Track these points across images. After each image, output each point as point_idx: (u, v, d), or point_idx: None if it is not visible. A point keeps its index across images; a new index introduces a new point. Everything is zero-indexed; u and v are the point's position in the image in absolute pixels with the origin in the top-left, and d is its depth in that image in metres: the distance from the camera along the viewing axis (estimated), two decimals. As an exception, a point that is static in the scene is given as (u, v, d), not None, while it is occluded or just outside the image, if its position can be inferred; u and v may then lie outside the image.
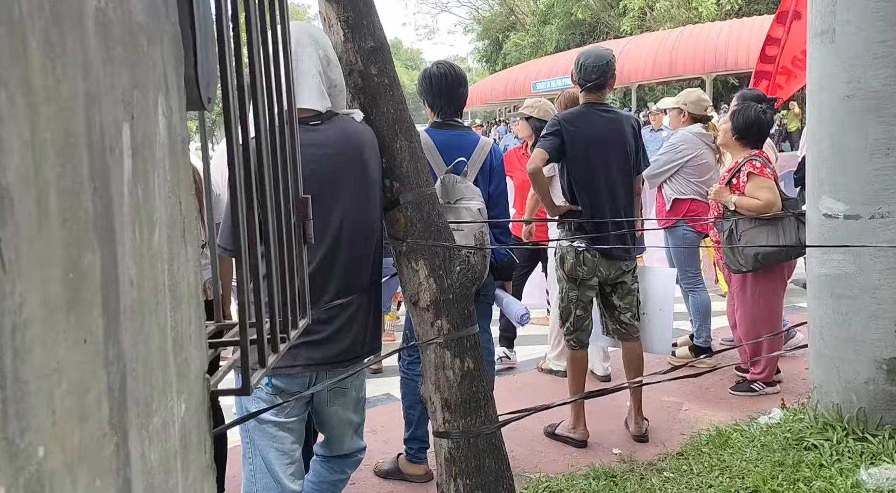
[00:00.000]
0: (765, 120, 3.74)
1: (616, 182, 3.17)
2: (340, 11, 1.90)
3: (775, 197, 3.54)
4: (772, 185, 3.58)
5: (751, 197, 3.55)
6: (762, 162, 3.64)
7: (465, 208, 2.74)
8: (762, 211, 3.53)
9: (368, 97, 1.94)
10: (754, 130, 3.71)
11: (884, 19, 2.67)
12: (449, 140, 2.89)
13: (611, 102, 14.94)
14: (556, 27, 32.57)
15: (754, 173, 3.57)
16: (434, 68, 2.95)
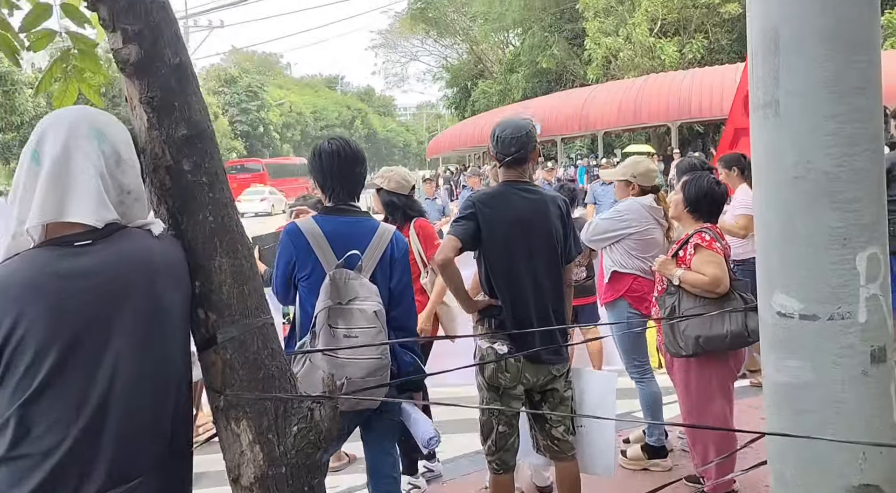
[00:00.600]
0: (718, 191, 3.44)
1: (542, 273, 2.76)
2: (144, 90, 1.47)
3: (723, 274, 3.20)
4: (720, 261, 3.24)
5: (697, 272, 3.21)
6: (712, 235, 3.31)
7: (358, 310, 2.32)
8: (707, 289, 3.18)
9: (179, 201, 1.49)
10: (707, 201, 3.39)
11: (834, 90, 2.32)
12: (341, 229, 2.49)
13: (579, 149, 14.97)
14: (522, 75, 32.91)
15: (702, 246, 3.22)
16: (326, 145, 2.57)
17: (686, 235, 3.35)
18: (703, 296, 3.19)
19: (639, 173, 3.89)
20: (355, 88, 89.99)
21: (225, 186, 1.55)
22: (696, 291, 3.17)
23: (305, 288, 2.49)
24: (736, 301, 3.21)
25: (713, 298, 3.18)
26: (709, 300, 3.19)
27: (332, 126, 66.55)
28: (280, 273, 2.53)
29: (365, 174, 2.61)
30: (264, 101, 50.42)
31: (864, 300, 2.39)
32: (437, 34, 44.08)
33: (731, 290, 3.22)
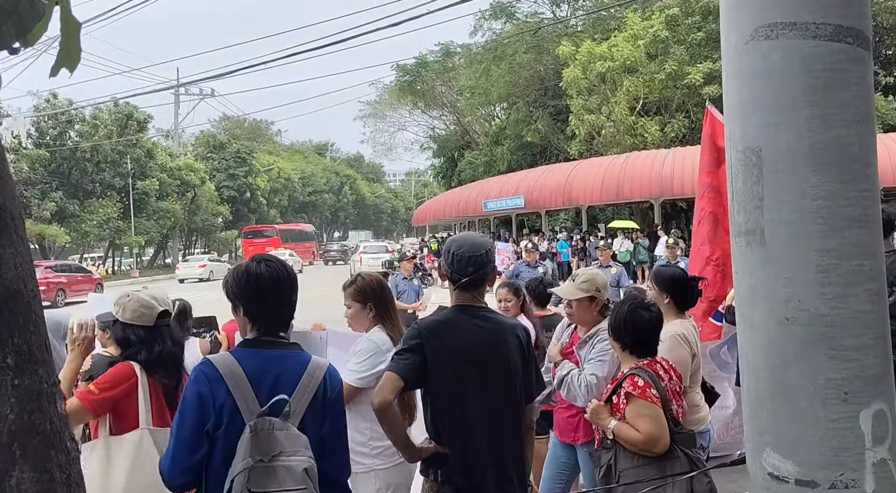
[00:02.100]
0: (643, 318, 2.86)
1: (497, 416, 2.36)
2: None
3: (660, 430, 2.66)
4: (657, 414, 2.68)
5: (631, 425, 2.69)
6: (647, 379, 2.74)
7: (284, 468, 1.89)
8: (642, 448, 2.66)
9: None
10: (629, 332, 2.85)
11: (827, 222, 2.00)
12: (265, 366, 2.06)
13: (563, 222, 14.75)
14: (507, 148, 33.31)
15: (633, 394, 2.69)
16: (255, 266, 2.15)
17: (621, 375, 2.86)
18: (639, 454, 2.68)
19: (602, 286, 3.34)
20: (345, 154, 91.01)
21: (43, 367, 1.17)
22: (630, 448, 2.68)
23: (215, 443, 2.04)
24: (679, 460, 2.69)
25: (651, 457, 2.68)
26: (646, 459, 2.68)
27: (321, 191, 66.78)
28: (188, 432, 1.99)
29: (296, 298, 2.22)
30: (252, 166, 50.56)
31: (871, 466, 2.00)
32: (425, 106, 44.85)
33: (673, 446, 2.69)
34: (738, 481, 4.75)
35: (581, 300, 3.29)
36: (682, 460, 2.67)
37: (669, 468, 2.66)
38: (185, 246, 49.26)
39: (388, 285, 3.22)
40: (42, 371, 1.17)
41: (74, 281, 24.99)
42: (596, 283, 3.32)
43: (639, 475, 2.64)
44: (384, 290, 3.14)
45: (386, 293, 3.14)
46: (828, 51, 2.05)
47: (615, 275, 9.08)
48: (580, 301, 3.29)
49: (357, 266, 30.94)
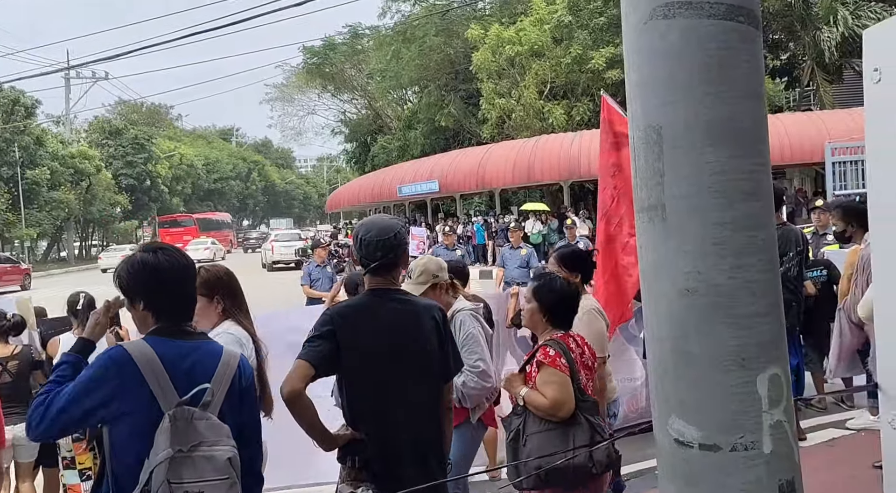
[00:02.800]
0: (571, 293, 3.09)
1: (414, 398, 2.35)
2: None
3: (564, 396, 2.81)
4: (564, 381, 2.85)
5: (539, 392, 2.83)
6: (558, 349, 2.90)
7: (205, 458, 1.84)
8: (548, 412, 2.81)
9: None
10: (563, 306, 3.03)
11: (723, 195, 2.09)
12: (181, 355, 1.98)
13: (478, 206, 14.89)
14: (420, 132, 33.28)
15: (544, 363, 2.84)
16: (151, 256, 2.04)
17: (535, 347, 3.00)
18: (545, 418, 2.82)
19: (437, 270, 3.32)
20: (251, 139, 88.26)
21: None
22: (536, 413, 2.82)
23: (125, 432, 1.93)
24: (582, 426, 2.85)
25: (556, 422, 2.83)
26: (551, 424, 2.82)
27: (227, 178, 64.60)
28: (77, 409, 1.90)
29: (195, 291, 2.12)
30: (152, 153, 48.20)
31: (769, 428, 2.11)
32: (335, 89, 44.05)
33: (577, 412, 2.85)
34: (645, 448, 4.99)
35: (426, 292, 3.22)
36: (584, 426, 2.82)
37: (572, 433, 2.81)
38: (82, 238, 46.60)
39: (235, 275, 2.93)
40: None
41: (3, 271, 26.11)
42: (429, 270, 3.29)
43: (543, 439, 2.76)
44: (232, 280, 2.89)
45: (234, 284, 2.89)
46: (721, 29, 2.13)
47: (525, 256, 9.28)
48: (425, 294, 3.20)
49: (269, 255, 30.14)
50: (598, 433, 2.85)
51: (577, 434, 2.78)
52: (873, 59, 2.98)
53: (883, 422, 3.03)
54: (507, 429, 2.87)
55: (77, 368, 2.02)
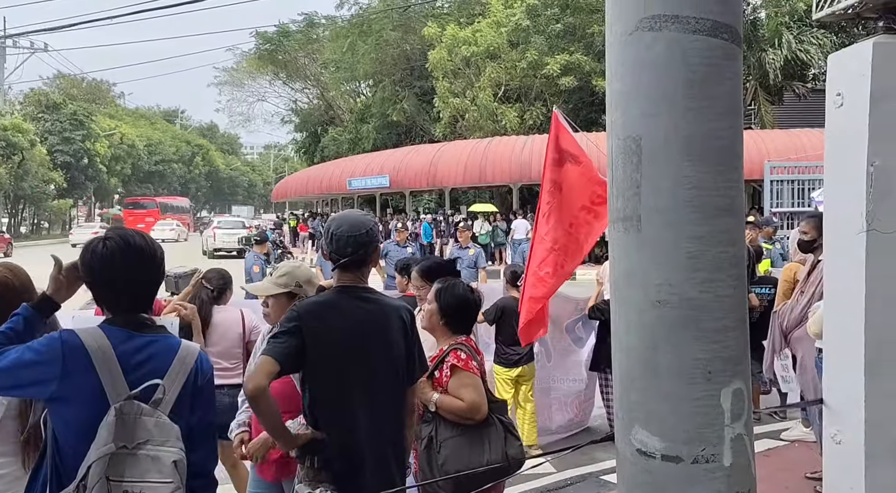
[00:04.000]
0: (473, 299, 3.14)
1: (379, 400, 2.31)
2: None
3: (481, 399, 2.85)
4: (478, 383, 2.89)
5: (454, 396, 2.83)
6: (468, 352, 2.94)
7: (150, 458, 1.75)
8: (465, 416, 2.82)
9: None
10: (463, 311, 3.05)
11: (699, 210, 2.11)
12: (136, 347, 1.88)
13: (427, 203, 14.72)
14: (373, 126, 33.04)
15: (458, 366, 2.84)
16: (99, 246, 1.93)
17: (441, 352, 2.99)
18: (461, 423, 2.84)
19: (304, 280, 3.01)
20: (197, 122, 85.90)
21: None
22: (452, 417, 2.82)
23: (66, 421, 1.83)
24: (494, 427, 2.90)
25: (472, 424, 2.85)
26: (465, 428, 2.85)
27: (169, 161, 62.70)
28: (11, 378, 1.79)
29: (161, 276, 2.01)
30: (91, 130, 46.33)
31: (730, 441, 2.14)
32: (287, 77, 43.28)
33: (490, 414, 2.90)
34: (590, 452, 5.07)
35: (278, 297, 2.95)
36: (498, 426, 2.88)
37: (486, 434, 2.84)
38: (11, 215, 44.47)
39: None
40: None
41: None
42: (296, 277, 2.99)
43: (458, 444, 2.78)
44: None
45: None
46: (706, 46, 2.15)
47: (473, 256, 9.29)
48: (277, 298, 2.95)
49: (210, 242, 29.35)
50: (511, 432, 2.93)
51: (491, 435, 2.84)
52: (836, 84, 3.07)
53: (826, 437, 3.13)
54: (418, 437, 2.83)
55: (29, 322, 1.90)
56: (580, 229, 4.86)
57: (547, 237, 5.03)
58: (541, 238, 5.07)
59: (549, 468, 4.93)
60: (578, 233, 4.87)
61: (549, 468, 4.93)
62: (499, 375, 5.35)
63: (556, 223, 4.98)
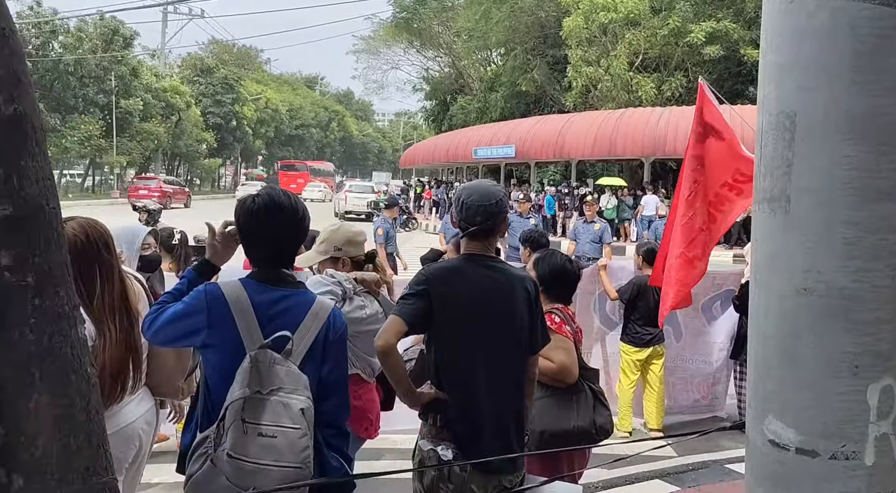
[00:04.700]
0: (571, 270, 3.17)
1: (500, 367, 2.33)
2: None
3: (572, 362, 2.88)
4: (570, 347, 2.92)
5: (544, 357, 2.81)
6: (563, 317, 2.99)
7: (281, 404, 1.88)
8: (555, 377, 2.86)
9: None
10: (560, 281, 3.12)
11: (858, 193, 1.96)
12: (272, 300, 2.03)
13: (552, 175, 14.40)
14: (501, 95, 32.80)
15: (551, 329, 2.83)
16: (248, 202, 2.10)
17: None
18: (550, 385, 2.88)
19: (343, 242, 2.94)
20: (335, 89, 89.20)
21: (64, 288, 1.11)
22: (542, 378, 2.81)
23: (213, 366, 2.03)
24: (584, 393, 2.93)
25: (560, 387, 2.90)
26: (555, 390, 2.90)
27: (308, 126, 65.68)
28: (173, 329, 2.01)
29: (299, 236, 2.15)
30: (240, 94, 49.40)
31: (874, 440, 2.02)
32: (420, 45, 43.77)
33: (580, 380, 2.93)
34: (717, 440, 4.90)
35: (323, 263, 2.96)
36: (587, 393, 2.92)
37: (576, 399, 2.90)
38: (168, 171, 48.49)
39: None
40: (63, 293, 1.11)
41: (175, 192, 33.13)
42: (334, 241, 2.94)
43: (546, 404, 2.83)
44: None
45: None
46: (877, 15, 1.97)
47: (598, 231, 9.06)
48: (323, 264, 2.96)
49: (342, 204, 30.63)
50: (601, 401, 2.95)
51: (580, 401, 2.89)
52: None
53: None
54: None
55: (192, 284, 2.12)
56: (719, 208, 4.65)
57: (696, 219, 4.85)
58: (687, 219, 4.88)
59: (669, 451, 4.83)
60: (717, 211, 4.66)
61: (670, 451, 4.83)
62: (627, 355, 5.26)
63: (703, 204, 4.79)
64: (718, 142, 4.62)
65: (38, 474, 1.04)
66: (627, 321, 5.29)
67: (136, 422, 2.41)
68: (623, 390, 5.27)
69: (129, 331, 2.36)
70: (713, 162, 4.66)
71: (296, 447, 1.88)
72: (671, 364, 5.62)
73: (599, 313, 5.68)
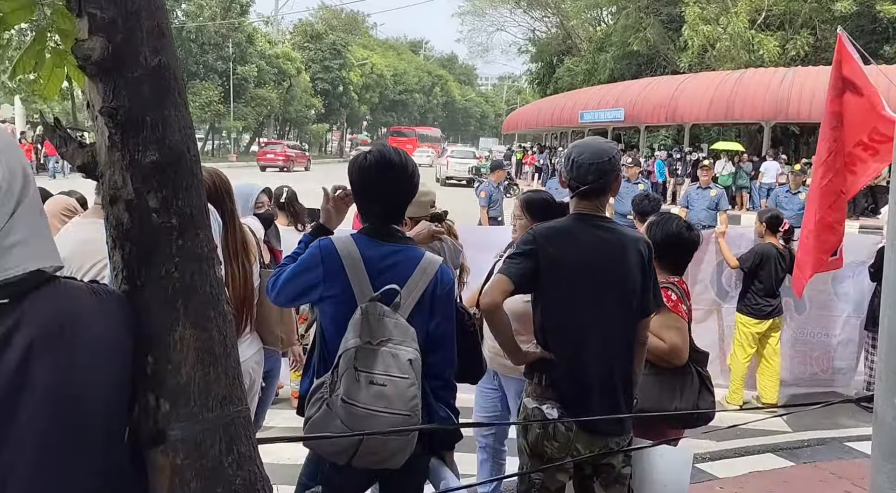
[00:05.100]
0: (689, 238, 2.89)
1: (609, 329, 2.29)
2: (108, 98, 1.12)
3: (684, 344, 2.68)
4: (683, 327, 2.71)
5: (655, 335, 2.64)
6: (679, 294, 2.75)
7: (390, 354, 1.94)
8: (664, 357, 2.68)
9: (138, 247, 1.14)
10: (675, 250, 2.85)
11: None
12: (382, 255, 2.09)
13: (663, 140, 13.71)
14: (611, 56, 31.69)
15: (666, 306, 2.65)
16: (361, 159, 2.16)
17: None
18: (656, 363, 2.70)
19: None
20: (439, 53, 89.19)
21: (203, 231, 1.18)
22: (650, 357, 2.64)
23: (328, 317, 2.12)
24: (691, 376, 2.75)
25: (666, 368, 2.71)
26: (661, 369, 2.72)
27: (412, 91, 66.17)
28: (294, 285, 2.11)
29: (409, 192, 2.19)
30: (347, 60, 50.39)
31: None
32: (527, 5, 42.83)
33: (689, 363, 2.74)
34: (834, 417, 4.65)
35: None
36: (693, 377, 2.75)
37: (681, 382, 2.73)
38: (279, 135, 50.48)
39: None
40: (202, 235, 1.18)
41: (297, 156, 35.81)
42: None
43: (649, 383, 2.67)
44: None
45: None
46: None
47: (715, 197, 8.63)
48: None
49: (443, 170, 30.84)
50: (707, 387, 2.79)
51: (685, 384, 2.73)
52: None
53: None
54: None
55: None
56: (851, 168, 4.33)
57: (836, 180, 4.55)
58: (828, 181, 4.58)
59: (783, 426, 4.63)
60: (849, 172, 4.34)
61: (784, 426, 4.63)
62: (746, 327, 5.04)
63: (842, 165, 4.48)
64: (857, 98, 4.28)
65: (183, 399, 1.13)
66: (746, 291, 5.05)
67: (248, 361, 2.57)
68: (737, 363, 5.07)
69: (246, 276, 2.51)
70: (850, 119, 4.33)
71: (405, 395, 1.94)
72: (790, 337, 5.36)
73: (716, 285, 5.47)
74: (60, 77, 1.57)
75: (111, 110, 1.12)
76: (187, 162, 1.17)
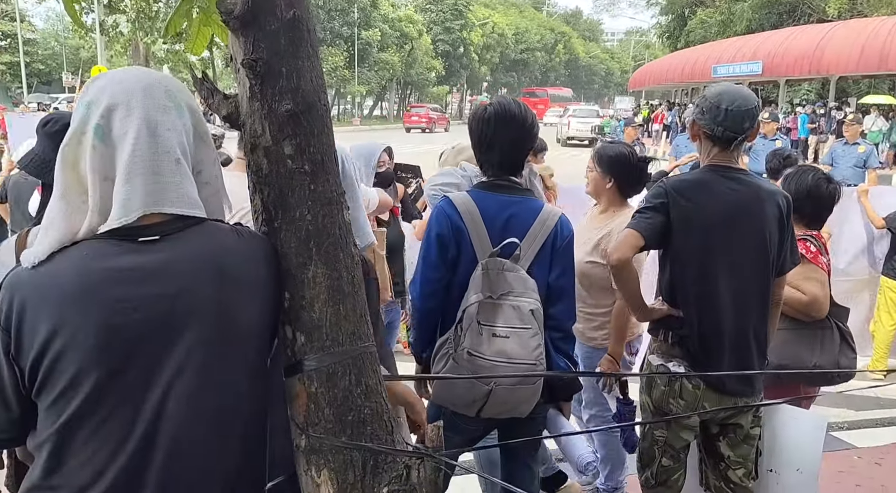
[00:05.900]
0: (827, 191, 2.74)
1: (743, 286, 2.18)
2: (248, 50, 1.20)
3: (825, 296, 2.61)
4: (824, 279, 2.64)
5: (794, 287, 2.55)
6: (818, 246, 2.68)
7: (511, 307, 2.00)
8: (804, 310, 2.59)
9: (275, 191, 1.22)
10: (811, 202, 2.73)
11: None
12: (500, 208, 2.10)
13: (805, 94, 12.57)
14: (748, 5, 29.42)
15: (805, 257, 2.57)
16: (481, 111, 2.16)
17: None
18: (795, 317, 2.60)
19: (466, 159, 2.86)
20: (562, 9, 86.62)
21: (332, 177, 1.25)
22: (787, 310, 2.52)
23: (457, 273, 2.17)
24: (831, 330, 2.64)
25: (805, 321, 2.62)
26: (800, 324, 2.61)
27: (533, 49, 64.85)
28: (434, 252, 2.11)
29: (529, 143, 2.18)
30: (468, 20, 50.09)
31: None
32: (658, -47, 40.54)
33: (828, 317, 2.63)
34: None
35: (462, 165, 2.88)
36: (834, 331, 2.65)
37: (821, 335, 2.64)
38: (401, 99, 51.26)
39: None
40: (332, 180, 1.25)
41: (438, 119, 38.56)
42: (457, 160, 2.98)
43: (787, 338, 2.58)
44: None
45: None
46: None
47: (863, 154, 7.86)
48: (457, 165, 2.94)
49: (564, 130, 30.16)
50: (848, 342, 2.67)
51: (825, 338, 2.65)
52: None
53: None
54: None
55: None
56: None
57: None
58: None
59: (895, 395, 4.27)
60: None
61: (895, 395, 4.26)
62: (892, 291, 4.68)
63: None
64: None
65: (317, 333, 1.21)
66: (893, 254, 4.65)
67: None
68: (882, 329, 4.71)
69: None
70: None
71: (528, 345, 1.98)
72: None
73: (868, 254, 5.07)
74: (206, 35, 1.69)
75: (251, 62, 1.19)
76: (318, 110, 1.23)
